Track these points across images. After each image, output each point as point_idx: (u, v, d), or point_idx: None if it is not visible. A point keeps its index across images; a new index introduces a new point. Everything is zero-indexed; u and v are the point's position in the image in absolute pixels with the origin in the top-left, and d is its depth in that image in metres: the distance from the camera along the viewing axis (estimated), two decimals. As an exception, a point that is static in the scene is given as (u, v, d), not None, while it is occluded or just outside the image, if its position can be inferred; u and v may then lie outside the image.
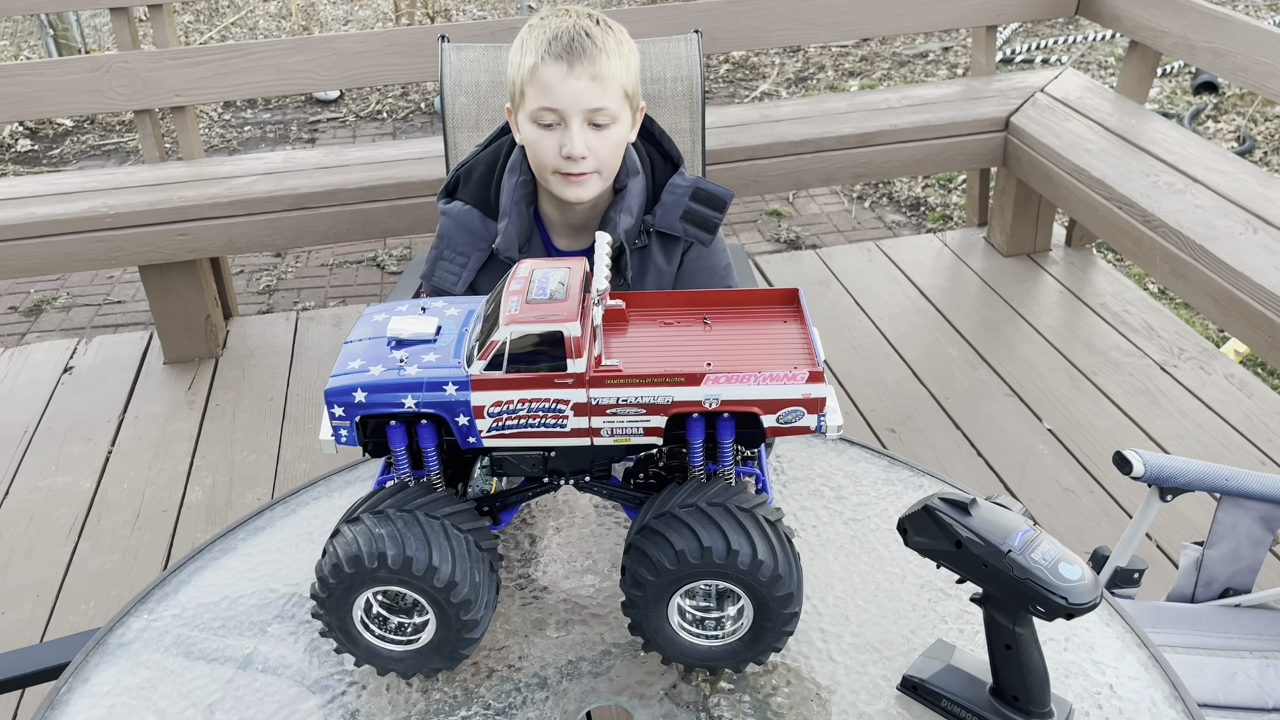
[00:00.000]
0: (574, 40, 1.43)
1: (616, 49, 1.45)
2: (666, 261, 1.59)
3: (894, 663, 1.05)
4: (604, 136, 1.47)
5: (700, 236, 1.57)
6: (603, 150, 1.47)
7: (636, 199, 1.55)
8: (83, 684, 1.07)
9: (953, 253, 3.50)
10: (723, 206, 1.57)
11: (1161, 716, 1.00)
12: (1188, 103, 4.86)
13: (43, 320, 3.56)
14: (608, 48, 1.44)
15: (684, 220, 1.55)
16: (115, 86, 2.97)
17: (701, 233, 1.56)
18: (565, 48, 1.43)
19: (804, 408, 0.96)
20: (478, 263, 1.53)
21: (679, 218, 1.55)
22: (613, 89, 1.44)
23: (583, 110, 1.44)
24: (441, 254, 1.56)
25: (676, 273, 1.61)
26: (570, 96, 1.43)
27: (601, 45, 1.43)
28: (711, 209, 1.56)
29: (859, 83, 5.33)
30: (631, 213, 1.54)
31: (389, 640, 1.02)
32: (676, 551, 0.95)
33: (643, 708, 1.02)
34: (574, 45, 1.43)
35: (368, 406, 0.98)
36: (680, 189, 1.57)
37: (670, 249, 1.59)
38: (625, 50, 1.47)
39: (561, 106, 1.44)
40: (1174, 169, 2.73)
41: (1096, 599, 0.87)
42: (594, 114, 1.45)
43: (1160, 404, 2.72)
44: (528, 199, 1.55)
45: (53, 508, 2.57)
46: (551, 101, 1.44)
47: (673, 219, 1.55)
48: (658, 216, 1.55)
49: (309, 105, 5.34)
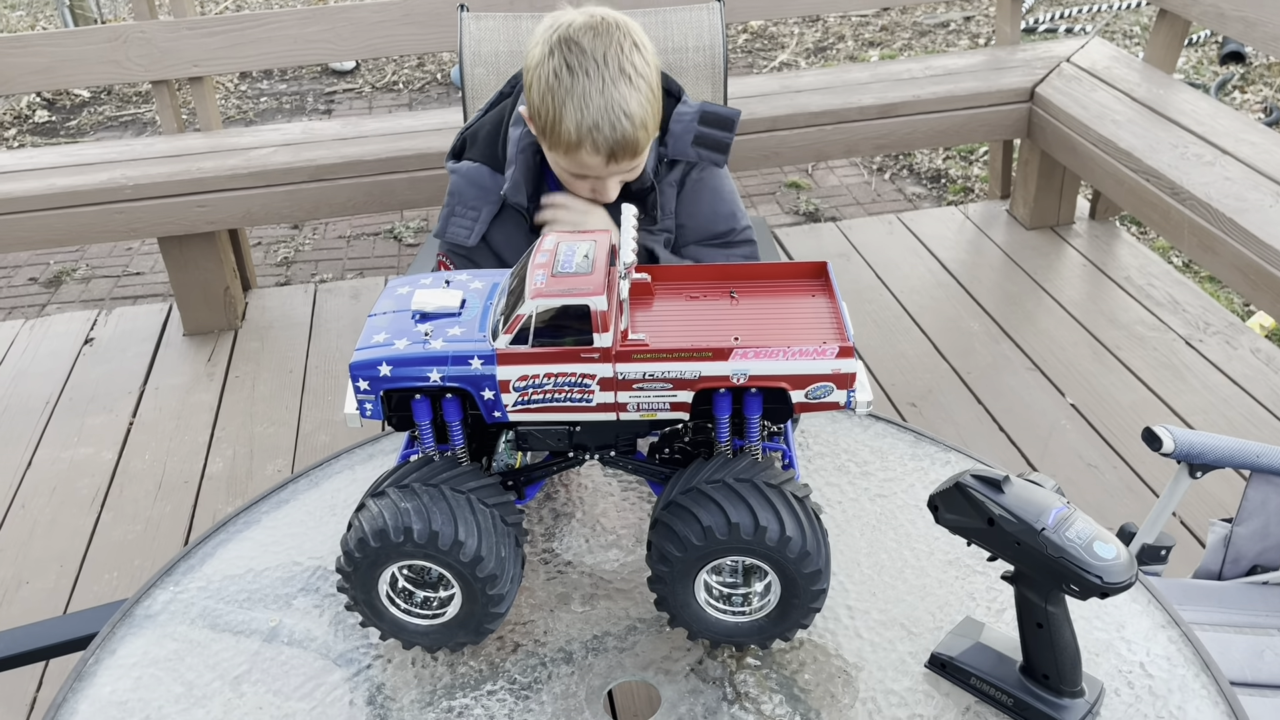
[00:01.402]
0: (615, 127, 1.37)
1: (649, 106, 1.40)
2: (674, 185, 1.60)
3: (921, 640, 1.05)
4: (635, 165, 1.48)
5: (714, 158, 1.57)
6: (636, 175, 1.50)
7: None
8: (110, 655, 1.08)
9: (975, 225, 3.46)
10: (731, 125, 1.56)
11: (1193, 696, 0.99)
12: (1214, 73, 4.78)
13: (62, 291, 3.57)
14: (646, 116, 1.39)
15: (696, 145, 1.55)
16: (133, 57, 2.95)
17: (715, 154, 1.56)
18: (608, 140, 1.38)
19: (833, 383, 0.95)
20: (489, 215, 1.54)
21: (690, 143, 1.55)
22: (645, 144, 1.43)
23: (623, 170, 1.46)
24: (454, 210, 1.57)
25: (679, 193, 1.61)
26: (610, 173, 1.45)
27: (640, 122, 1.39)
28: (721, 129, 1.56)
29: (879, 53, 5.27)
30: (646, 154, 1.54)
31: (414, 614, 1.01)
32: (704, 527, 0.94)
33: (668, 683, 1.02)
34: (616, 133, 1.38)
35: (393, 380, 0.97)
36: (687, 115, 1.56)
37: (675, 169, 1.60)
38: (652, 85, 1.42)
39: (601, 176, 1.46)
40: (1203, 140, 2.69)
41: (1132, 578, 0.85)
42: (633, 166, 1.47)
43: (1185, 379, 2.69)
44: (534, 147, 1.54)
45: (75, 478, 2.59)
46: (590, 174, 1.46)
47: (684, 145, 1.55)
48: (670, 146, 1.56)
49: (325, 76, 5.32)
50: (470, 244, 1.54)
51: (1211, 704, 0.98)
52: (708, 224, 1.62)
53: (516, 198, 1.53)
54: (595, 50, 1.38)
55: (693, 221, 1.61)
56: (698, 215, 1.61)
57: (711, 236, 1.62)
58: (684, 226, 1.62)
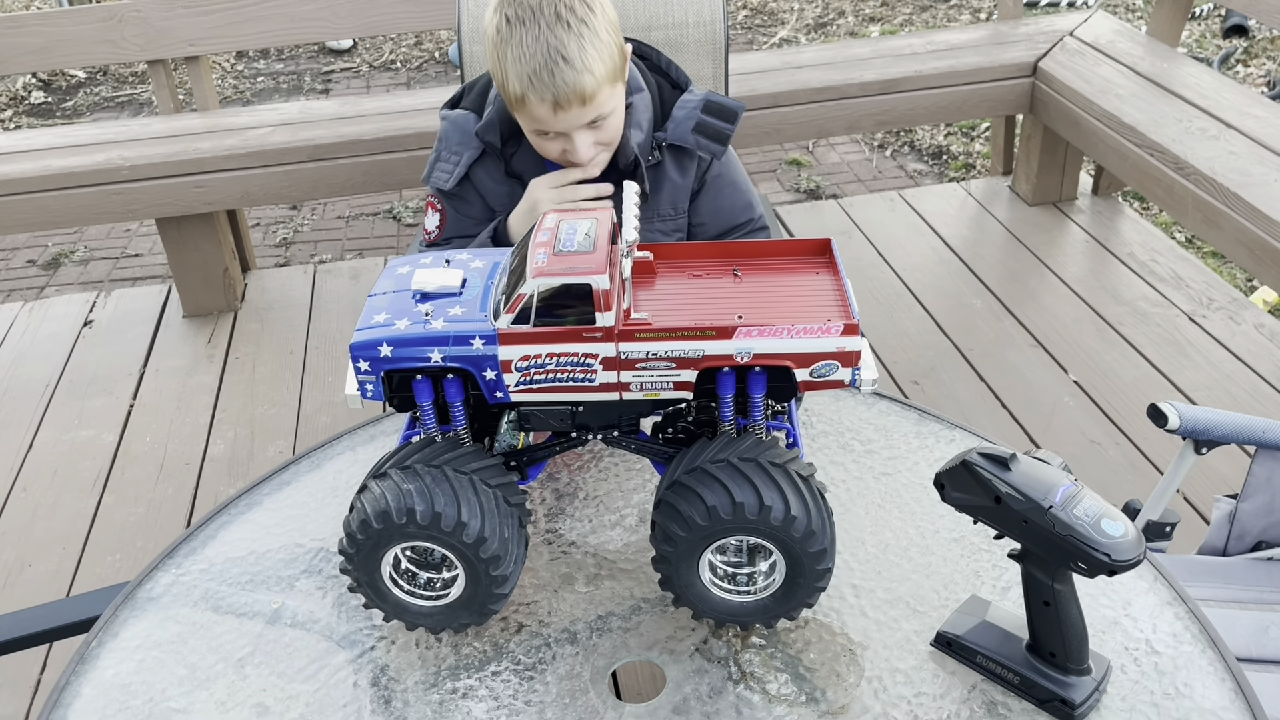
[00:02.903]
0: (553, 72, 1.35)
1: (595, 50, 1.37)
2: (680, 175, 1.58)
3: (927, 618, 1.04)
4: (605, 126, 1.45)
5: (712, 149, 1.55)
6: (606, 136, 1.47)
7: (644, 113, 1.55)
8: (112, 638, 1.08)
9: (977, 202, 3.44)
10: (734, 118, 1.55)
11: (1200, 672, 0.98)
12: (1217, 46, 4.74)
13: (61, 274, 3.56)
14: (587, 60, 1.36)
15: (696, 132, 1.54)
16: (128, 36, 2.93)
17: (714, 144, 1.55)
18: (548, 86, 1.36)
19: (838, 361, 0.94)
20: (470, 159, 1.54)
21: (691, 130, 1.54)
22: (601, 95, 1.39)
23: (579, 126, 1.42)
24: (439, 155, 1.58)
25: (698, 192, 1.60)
26: (564, 124, 1.41)
27: (581, 64, 1.35)
28: (723, 120, 1.55)
29: (880, 28, 5.23)
30: (640, 127, 1.53)
31: (418, 595, 1.01)
32: (708, 507, 0.93)
33: (673, 663, 1.01)
34: (555, 79, 1.35)
35: (393, 361, 0.96)
36: (691, 103, 1.56)
37: (684, 163, 1.58)
38: (603, 34, 1.38)
39: (559, 129, 1.42)
40: (1207, 114, 2.66)
41: (1140, 556, 0.85)
42: (593, 121, 1.43)
43: (1188, 355, 2.68)
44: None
45: (76, 461, 2.59)
46: (546, 127, 1.43)
47: (684, 131, 1.54)
48: (669, 131, 1.55)
49: (322, 55, 5.28)
50: (448, 188, 1.55)
51: (1218, 680, 0.98)
52: (728, 217, 1.62)
53: (489, 135, 1.53)
54: (534, 25, 1.37)
55: (714, 219, 1.61)
56: (719, 211, 1.61)
57: (730, 229, 1.62)
58: (704, 224, 1.61)
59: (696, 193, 1.60)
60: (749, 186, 1.65)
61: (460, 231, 1.60)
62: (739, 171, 1.64)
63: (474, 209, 1.59)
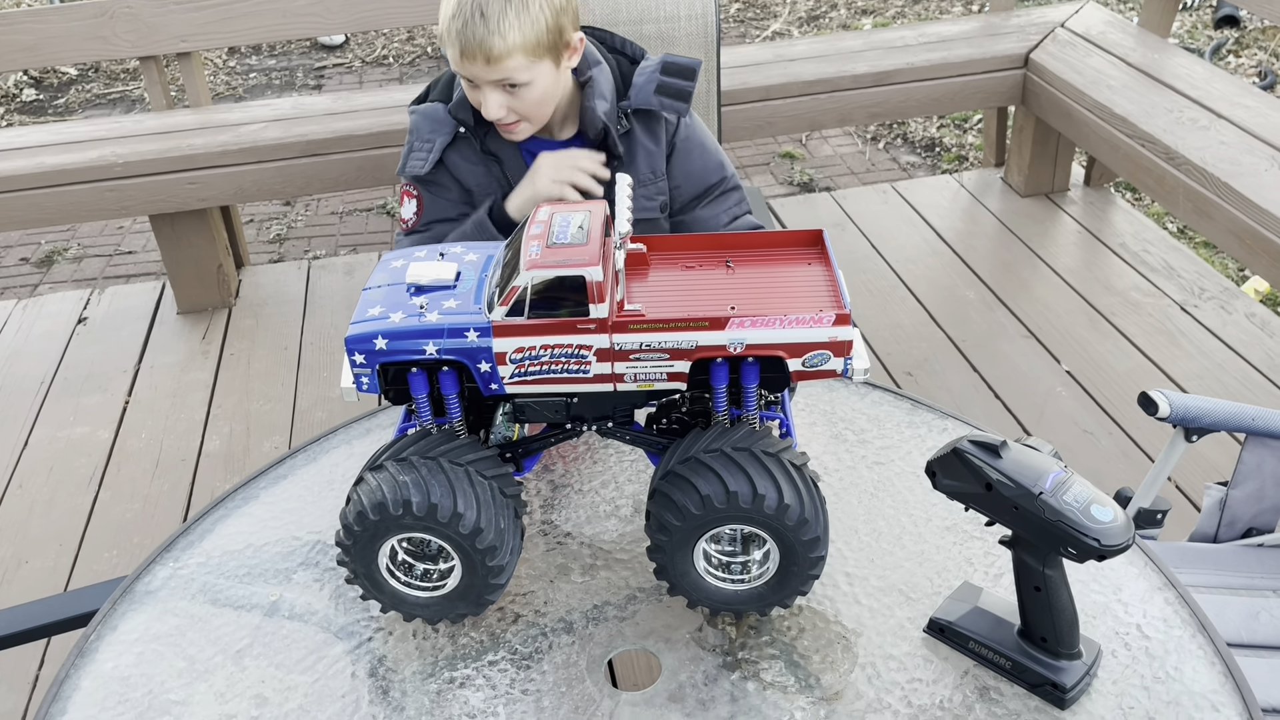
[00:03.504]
0: (466, 22, 1.41)
1: (517, 18, 1.41)
2: (653, 142, 1.62)
3: (920, 605, 1.05)
4: (520, 96, 1.48)
5: (676, 107, 1.60)
6: (522, 106, 1.50)
7: (606, 85, 1.58)
8: (111, 631, 1.08)
9: (969, 194, 3.45)
10: (691, 75, 1.60)
11: (1190, 657, 0.99)
12: (1208, 37, 4.75)
13: (54, 271, 3.55)
14: (504, 24, 1.41)
15: (658, 94, 1.58)
16: (120, 33, 2.92)
17: (677, 103, 1.59)
18: (458, 31, 1.42)
19: (830, 351, 0.95)
20: (443, 143, 1.58)
21: (653, 92, 1.58)
22: (512, 62, 1.43)
23: (487, 82, 1.46)
24: (411, 146, 1.61)
25: (669, 156, 1.64)
26: (470, 73, 1.46)
27: (496, 25, 1.41)
28: (681, 78, 1.59)
29: (872, 20, 5.23)
30: (605, 97, 1.57)
31: (415, 587, 1.02)
32: (702, 496, 0.94)
33: (668, 651, 1.02)
34: (465, 29, 1.41)
35: (389, 353, 0.97)
36: (649, 68, 1.60)
37: (653, 128, 1.62)
38: (534, 8, 1.43)
39: (468, 76, 1.48)
40: (1198, 105, 2.67)
41: (1129, 541, 0.86)
42: (500, 82, 1.46)
43: (1180, 344, 2.70)
44: None
45: (72, 457, 2.59)
46: (460, 70, 1.48)
47: (647, 95, 1.58)
48: (633, 97, 1.59)
49: (314, 51, 5.27)
50: (423, 172, 1.58)
51: (1208, 665, 0.99)
52: (700, 178, 1.66)
53: (461, 113, 1.56)
54: None
55: (688, 181, 1.66)
56: (692, 173, 1.65)
57: (705, 190, 1.67)
58: (679, 187, 1.66)
59: (668, 157, 1.65)
60: (716, 147, 1.69)
61: (439, 215, 1.63)
62: (705, 134, 1.68)
63: (450, 192, 1.62)
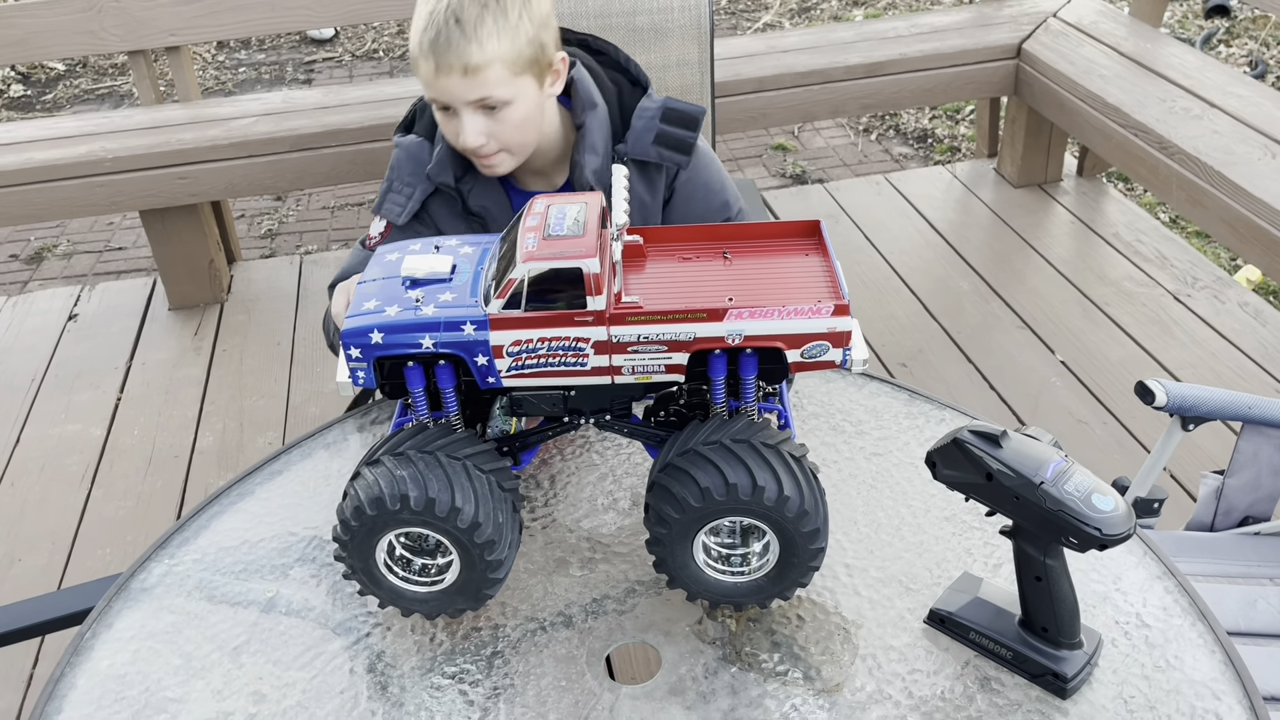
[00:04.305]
0: (440, 32, 1.29)
1: (496, 25, 1.30)
2: (649, 193, 1.50)
3: (920, 596, 1.05)
4: (501, 119, 1.35)
5: (675, 159, 1.48)
6: (503, 132, 1.36)
7: (599, 135, 1.45)
8: (107, 629, 1.07)
9: (962, 184, 3.45)
10: (695, 125, 1.48)
11: (1190, 645, 0.99)
12: (1199, 27, 4.76)
13: (44, 268, 3.53)
14: (481, 31, 1.29)
15: (657, 144, 1.46)
16: (108, 27, 2.90)
17: (676, 155, 1.48)
18: (431, 42, 1.29)
19: (829, 342, 0.95)
20: (422, 194, 1.46)
21: (651, 142, 1.46)
22: (493, 74, 1.31)
23: (465, 102, 1.33)
24: (391, 185, 1.49)
25: (666, 202, 1.53)
26: (447, 93, 1.33)
27: (473, 32, 1.28)
28: (684, 128, 1.47)
29: (864, 11, 5.22)
30: (597, 150, 1.44)
31: (413, 582, 1.01)
32: (702, 488, 0.94)
33: (668, 644, 1.02)
34: (439, 39, 1.29)
35: (385, 347, 0.96)
36: (649, 111, 1.47)
37: (652, 177, 1.50)
38: (513, 16, 1.31)
39: (443, 100, 1.35)
40: (1190, 94, 2.68)
41: (1131, 530, 0.86)
42: (479, 102, 1.33)
43: (1174, 333, 2.70)
44: None
45: (64, 455, 2.57)
46: (433, 94, 1.35)
47: (645, 144, 1.46)
48: (630, 144, 1.47)
49: (304, 45, 5.25)
50: (400, 223, 1.46)
51: (1208, 653, 0.99)
52: (701, 221, 1.53)
53: (441, 177, 1.44)
54: None
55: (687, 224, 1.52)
56: (690, 216, 1.53)
57: None
58: None
59: (668, 200, 1.53)
60: (724, 184, 1.56)
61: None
62: (711, 171, 1.55)
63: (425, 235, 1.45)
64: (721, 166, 1.58)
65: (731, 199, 1.57)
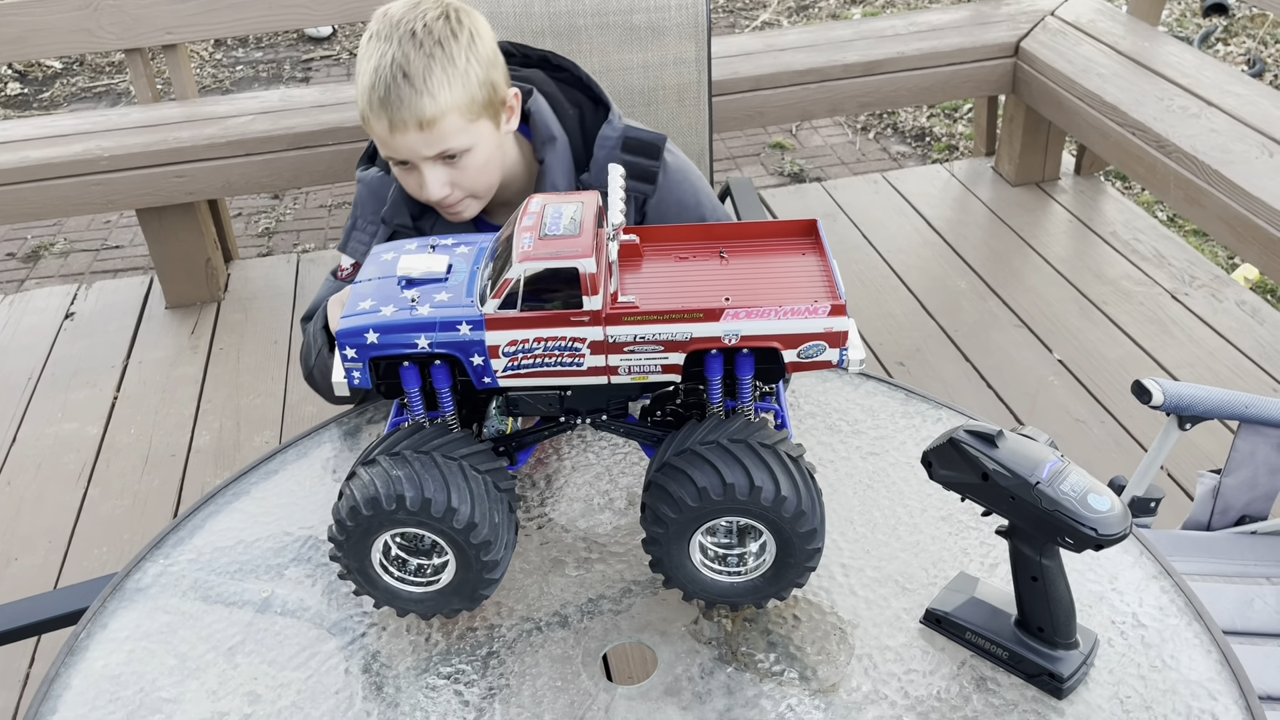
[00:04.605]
0: (389, 88, 1.24)
1: (445, 74, 1.25)
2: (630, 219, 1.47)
3: (916, 596, 1.05)
4: (462, 166, 1.31)
5: (640, 189, 1.43)
6: (465, 179, 1.33)
7: (560, 170, 1.41)
8: (101, 629, 1.07)
9: (960, 183, 3.45)
10: (657, 153, 1.43)
11: (1186, 645, 0.99)
12: (1197, 25, 4.76)
13: (41, 266, 3.53)
14: (431, 82, 1.24)
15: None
16: (105, 25, 2.90)
17: (641, 184, 1.43)
18: (381, 100, 1.24)
19: (826, 342, 0.94)
20: (384, 235, 1.42)
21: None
22: (449, 125, 1.26)
23: (424, 157, 1.29)
24: (355, 223, 1.45)
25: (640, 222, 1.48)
26: (404, 149, 1.28)
27: (423, 84, 1.24)
28: (647, 157, 1.43)
29: (862, 10, 5.22)
30: (559, 186, 1.41)
31: (409, 582, 1.01)
32: (699, 488, 0.94)
33: (664, 644, 1.02)
34: (390, 95, 1.24)
35: (380, 348, 0.96)
36: (610, 141, 1.43)
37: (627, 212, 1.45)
38: (460, 61, 1.26)
39: (400, 156, 1.30)
40: (1188, 92, 2.68)
41: (1127, 530, 0.86)
42: (439, 155, 1.29)
43: (1171, 332, 2.70)
44: None
45: (61, 454, 2.57)
46: (389, 152, 1.31)
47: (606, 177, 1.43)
48: (594, 174, 1.42)
49: (301, 43, 5.24)
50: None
51: (1204, 652, 0.99)
52: None
53: (397, 219, 1.40)
54: (400, 18, 1.27)
55: None
56: None
57: None
58: None
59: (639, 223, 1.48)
60: (698, 199, 1.50)
61: None
62: (684, 189, 1.49)
63: None
64: (696, 177, 1.53)
65: (709, 212, 1.52)
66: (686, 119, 1.98)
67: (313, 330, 1.40)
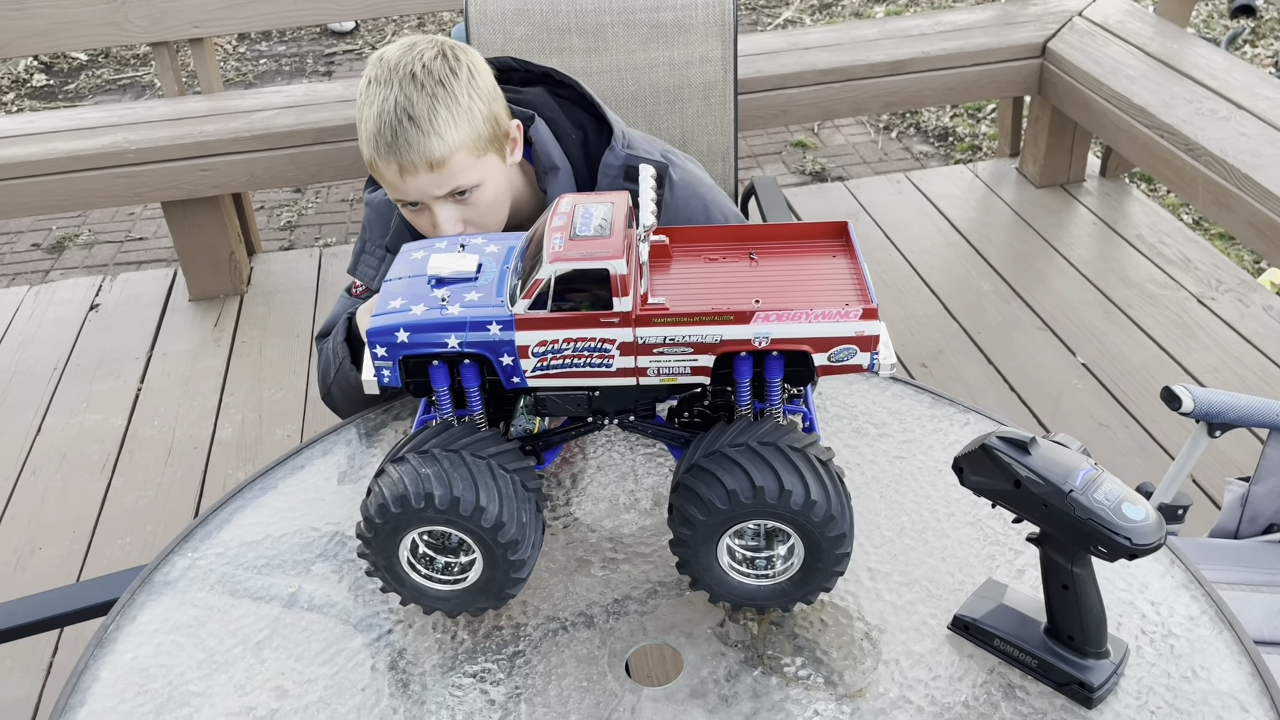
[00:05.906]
0: (396, 133, 1.23)
1: (450, 113, 1.24)
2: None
3: (943, 601, 1.04)
4: (473, 202, 1.31)
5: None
6: (477, 214, 1.32)
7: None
8: (130, 622, 1.08)
9: (984, 184, 3.43)
10: (660, 182, 1.42)
11: (1217, 654, 0.98)
12: (1225, 27, 4.71)
13: (66, 257, 3.55)
14: (437, 123, 1.23)
15: None
16: (133, 18, 2.91)
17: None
18: (389, 145, 1.24)
19: (857, 345, 0.94)
20: (391, 261, 1.39)
21: None
22: (458, 163, 1.26)
23: (435, 197, 1.29)
24: (364, 246, 1.45)
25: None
26: (415, 192, 1.28)
27: (429, 126, 1.23)
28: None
29: (885, 8, 5.20)
30: None
31: (436, 580, 1.01)
32: (728, 491, 0.93)
33: (690, 646, 1.02)
34: (397, 139, 1.23)
35: (410, 346, 0.96)
36: (613, 169, 1.41)
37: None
38: (464, 99, 1.26)
39: (411, 199, 1.30)
40: (1218, 95, 2.65)
41: (1161, 539, 0.85)
42: (450, 193, 1.29)
43: (1197, 337, 2.68)
44: None
45: (85, 444, 2.59)
46: (399, 195, 1.30)
47: None
48: None
49: (324, 37, 5.26)
50: (375, 286, 1.42)
51: (1235, 663, 0.98)
52: None
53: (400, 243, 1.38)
54: (397, 62, 1.26)
55: None
56: None
57: None
58: None
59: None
60: (709, 212, 1.47)
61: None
62: (693, 206, 1.46)
63: None
64: (706, 188, 1.50)
65: (720, 222, 1.47)
66: (712, 117, 1.97)
67: (332, 344, 1.41)
